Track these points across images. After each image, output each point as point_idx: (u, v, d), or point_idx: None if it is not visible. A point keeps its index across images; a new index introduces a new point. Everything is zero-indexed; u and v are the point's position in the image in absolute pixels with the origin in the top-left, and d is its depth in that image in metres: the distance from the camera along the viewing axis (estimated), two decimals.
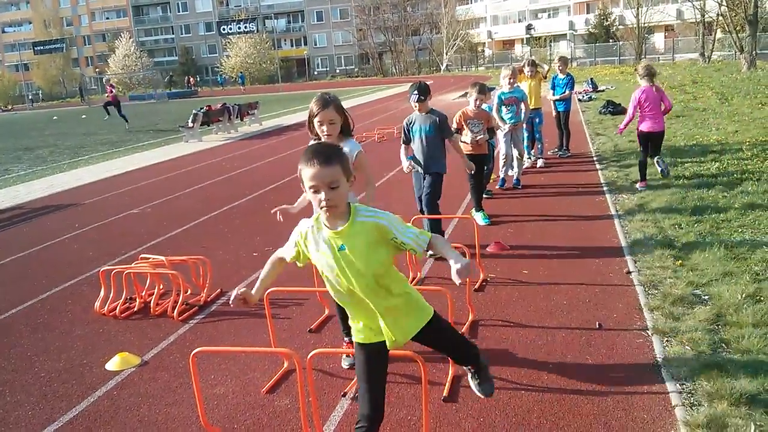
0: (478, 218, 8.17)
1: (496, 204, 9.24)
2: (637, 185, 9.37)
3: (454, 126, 7.99)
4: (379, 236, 2.91)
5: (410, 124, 7.13)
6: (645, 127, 9.11)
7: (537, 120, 11.60)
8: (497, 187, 10.06)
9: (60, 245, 9.03)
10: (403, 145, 7.23)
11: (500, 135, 10.00)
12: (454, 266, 2.81)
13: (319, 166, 2.79)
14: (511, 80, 10.05)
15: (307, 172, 2.82)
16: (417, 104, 6.91)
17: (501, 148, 10.08)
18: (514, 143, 10.15)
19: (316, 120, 4.36)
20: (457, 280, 2.83)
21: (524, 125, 10.72)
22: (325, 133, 4.34)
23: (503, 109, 10.05)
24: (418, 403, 4.02)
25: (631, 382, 4.14)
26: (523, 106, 10.15)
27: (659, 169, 9.21)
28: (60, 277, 7.44)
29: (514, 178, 10.26)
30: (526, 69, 11.82)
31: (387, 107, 29.53)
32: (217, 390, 4.48)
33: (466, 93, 8.17)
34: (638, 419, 3.73)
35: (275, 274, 3.36)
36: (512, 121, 10.03)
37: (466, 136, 8.08)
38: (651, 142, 9.18)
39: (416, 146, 7.11)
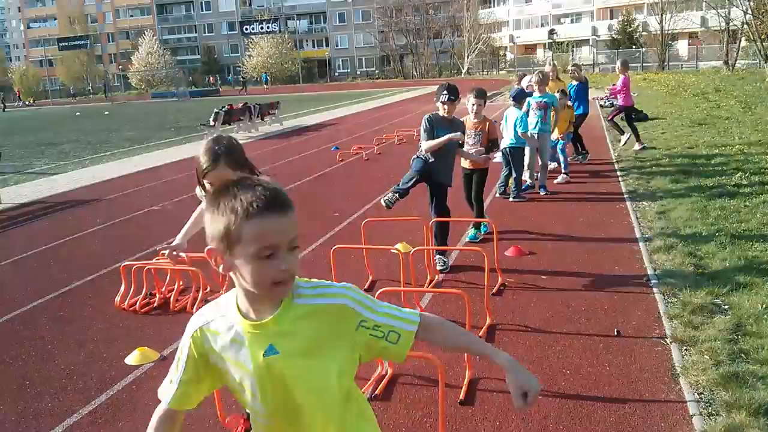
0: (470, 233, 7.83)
1: (517, 209, 9.22)
2: (636, 147, 13.19)
3: None
4: (340, 327, 1.78)
5: (435, 123, 6.59)
6: (627, 102, 13.58)
7: (565, 139, 11.26)
8: (542, 193, 9.93)
9: (81, 240, 9.13)
10: (425, 142, 6.59)
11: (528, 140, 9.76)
12: (511, 376, 1.83)
13: (277, 215, 1.65)
14: (540, 87, 9.90)
15: (255, 226, 1.63)
16: (447, 105, 6.50)
17: (526, 156, 9.91)
18: (540, 153, 10.00)
19: (206, 181, 3.22)
20: (519, 404, 1.82)
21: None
22: None
23: (530, 113, 9.84)
24: (434, 405, 4.03)
25: (648, 390, 4.12)
26: (552, 112, 10.02)
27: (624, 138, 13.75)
28: (81, 272, 7.52)
29: (538, 184, 10.07)
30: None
31: (407, 110, 29.53)
32: None
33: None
34: (655, 427, 3.71)
35: None
36: (536, 129, 9.80)
37: (465, 144, 7.43)
38: (631, 113, 13.76)
39: (437, 153, 6.56)
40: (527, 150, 9.86)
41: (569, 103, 11.65)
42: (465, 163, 7.72)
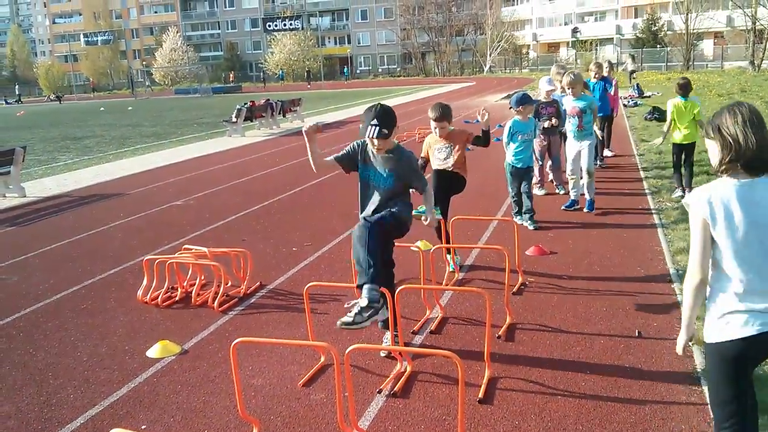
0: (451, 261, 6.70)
1: (537, 210, 9.16)
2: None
3: (422, 157, 6.68)
4: None
5: (362, 152, 4.96)
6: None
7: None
8: (563, 207, 8.95)
9: (105, 233, 9.22)
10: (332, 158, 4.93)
11: (568, 148, 8.98)
12: None
13: None
14: (575, 89, 8.65)
15: None
16: (376, 141, 4.71)
17: (567, 165, 9.01)
18: (582, 163, 8.71)
19: None
20: None
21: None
22: None
23: (568, 120, 8.87)
24: (453, 403, 4.03)
25: (669, 391, 4.09)
26: (592, 117, 8.79)
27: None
28: (104, 265, 7.59)
29: (588, 198, 8.78)
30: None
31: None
32: (255, 381, 4.54)
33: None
34: (676, 430, 3.68)
35: None
36: (576, 136, 8.70)
37: (436, 160, 6.69)
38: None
39: (365, 193, 4.94)
40: (570, 159, 8.84)
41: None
42: (438, 164, 6.71)
